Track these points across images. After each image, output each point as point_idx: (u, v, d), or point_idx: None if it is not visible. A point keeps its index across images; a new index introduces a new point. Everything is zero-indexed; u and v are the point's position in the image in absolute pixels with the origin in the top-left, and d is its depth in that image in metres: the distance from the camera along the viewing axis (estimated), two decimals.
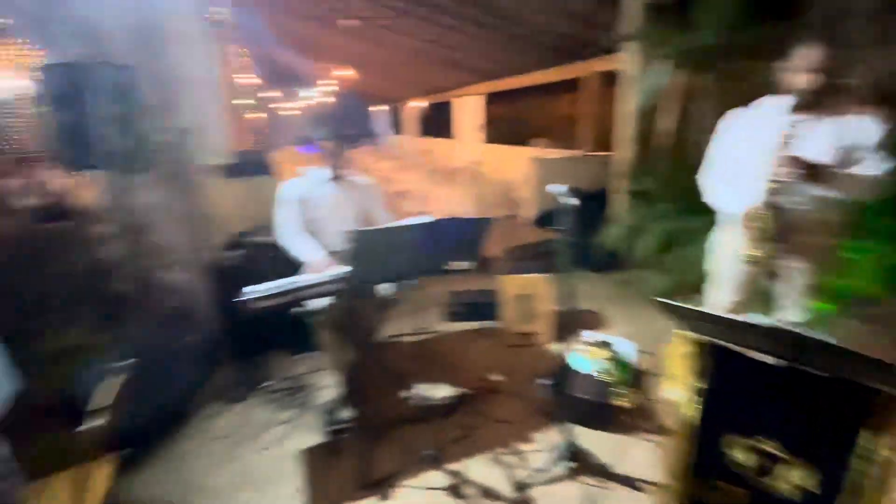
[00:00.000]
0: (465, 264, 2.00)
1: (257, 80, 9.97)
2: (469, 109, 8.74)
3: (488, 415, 2.42)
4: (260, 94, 11.08)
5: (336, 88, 12.07)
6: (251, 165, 3.54)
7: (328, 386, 2.74)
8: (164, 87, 2.73)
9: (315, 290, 2.01)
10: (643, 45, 3.71)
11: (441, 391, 2.57)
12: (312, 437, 2.34)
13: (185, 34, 2.96)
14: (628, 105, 4.04)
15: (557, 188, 1.80)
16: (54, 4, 2.59)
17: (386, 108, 15.07)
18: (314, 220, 2.43)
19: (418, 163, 8.90)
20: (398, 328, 3.30)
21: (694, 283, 3.19)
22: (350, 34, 6.91)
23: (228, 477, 2.13)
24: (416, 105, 11.75)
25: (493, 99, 8.43)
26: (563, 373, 2.40)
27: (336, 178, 2.47)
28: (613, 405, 2.26)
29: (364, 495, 1.94)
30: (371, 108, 15.39)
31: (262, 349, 3.02)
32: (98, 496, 1.53)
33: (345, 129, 2.74)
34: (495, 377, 2.76)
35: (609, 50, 4.57)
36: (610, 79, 5.03)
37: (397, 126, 14.14)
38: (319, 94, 12.59)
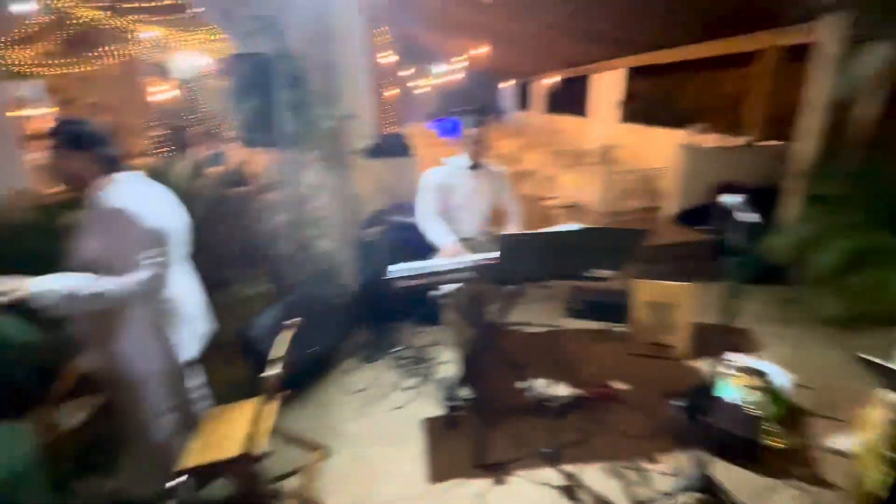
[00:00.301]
0: (607, 273, 1.90)
1: (395, 59, 10.51)
2: (607, 85, 8.09)
3: (608, 424, 2.33)
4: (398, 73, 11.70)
5: (466, 64, 12.14)
6: (391, 147, 3.79)
7: (448, 362, 2.90)
8: (329, 76, 3.03)
9: (451, 275, 2.11)
10: (855, 17, 2.99)
11: (558, 389, 2.55)
12: (433, 407, 2.53)
13: (348, 26, 3.23)
14: (821, 89, 3.34)
15: (732, 199, 1.57)
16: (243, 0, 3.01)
17: (513, 83, 14.73)
18: (450, 206, 2.54)
19: (545, 142, 8.58)
20: (519, 317, 3.32)
21: (883, 316, 2.60)
22: (486, 9, 6.81)
23: (363, 428, 2.42)
24: (548, 80, 11.27)
25: (637, 74, 7.64)
26: (701, 396, 2.18)
27: (474, 166, 2.52)
28: (761, 443, 2.00)
29: (478, 475, 2.05)
30: (500, 85, 15.20)
31: (392, 317, 3.30)
32: (268, 426, 1.85)
33: (472, 105, 2.77)
34: (618, 385, 2.63)
35: (800, 20, 3.78)
36: (795, 54, 4.18)
37: (525, 102, 13.77)
38: (451, 70, 12.80)
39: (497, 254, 1.90)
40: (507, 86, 15.19)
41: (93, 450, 2.11)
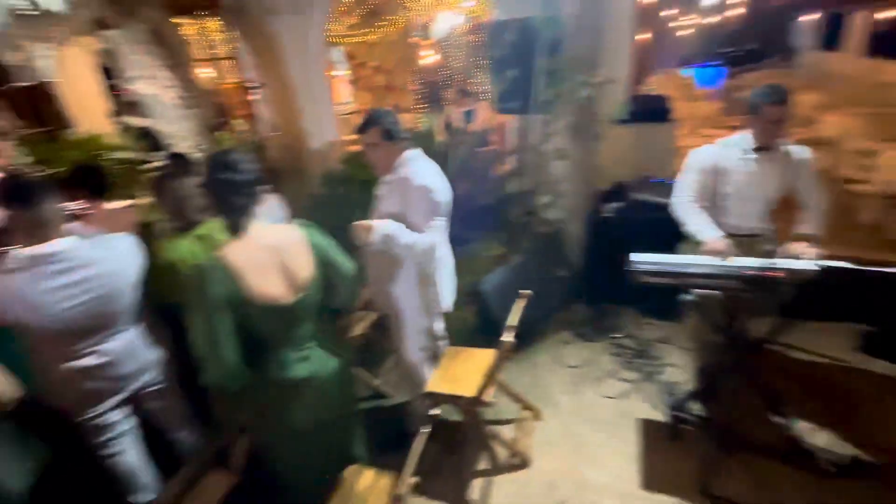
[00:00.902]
0: None
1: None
2: None
3: None
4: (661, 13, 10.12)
5: None
6: (648, 111, 3.37)
7: (677, 366, 2.62)
8: (594, 40, 2.84)
9: (711, 281, 1.84)
10: None
11: (831, 441, 2.01)
12: (651, 409, 2.36)
13: None
14: None
15: None
16: None
17: (818, 14, 10.97)
18: (723, 194, 2.14)
19: (860, 99, 6.27)
20: (789, 339, 2.62)
21: None
22: None
23: (575, 405, 2.46)
24: (877, 15, 7.94)
25: None
26: None
27: (764, 148, 2.03)
28: None
29: (702, 503, 1.85)
30: (799, 17, 11.56)
31: (617, 300, 3.14)
32: (491, 373, 2.05)
33: (750, 45, 2.11)
34: None
35: None
36: None
37: (832, 40, 10.17)
38: (728, 3, 10.33)
39: (792, 267, 1.53)
40: (810, 19, 11.45)
41: (367, 352, 2.78)
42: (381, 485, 1.59)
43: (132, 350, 1.71)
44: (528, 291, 2.16)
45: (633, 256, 1.96)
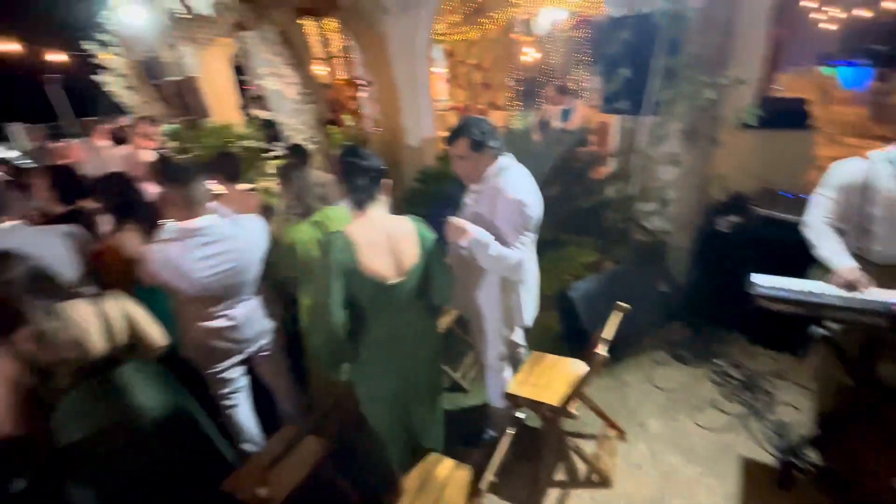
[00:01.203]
0: None
1: None
2: None
3: None
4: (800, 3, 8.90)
5: None
6: (780, 115, 2.97)
7: (793, 405, 2.32)
8: (723, 36, 2.58)
9: (850, 314, 1.59)
10: None
11: None
12: (756, 450, 2.11)
13: None
14: None
15: None
16: None
17: None
18: (870, 216, 1.83)
19: None
20: None
21: None
22: None
23: (666, 430, 2.29)
24: None
25: None
26: None
27: None
28: None
29: None
30: None
31: (723, 322, 2.86)
32: (578, 385, 1.97)
33: None
34: None
35: None
36: None
37: None
38: None
39: None
40: None
41: (448, 346, 2.83)
42: (459, 476, 1.62)
43: (253, 317, 1.93)
44: (627, 305, 2.04)
45: (756, 277, 1.77)
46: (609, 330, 1.90)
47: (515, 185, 1.72)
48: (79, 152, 3.90)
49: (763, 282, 1.75)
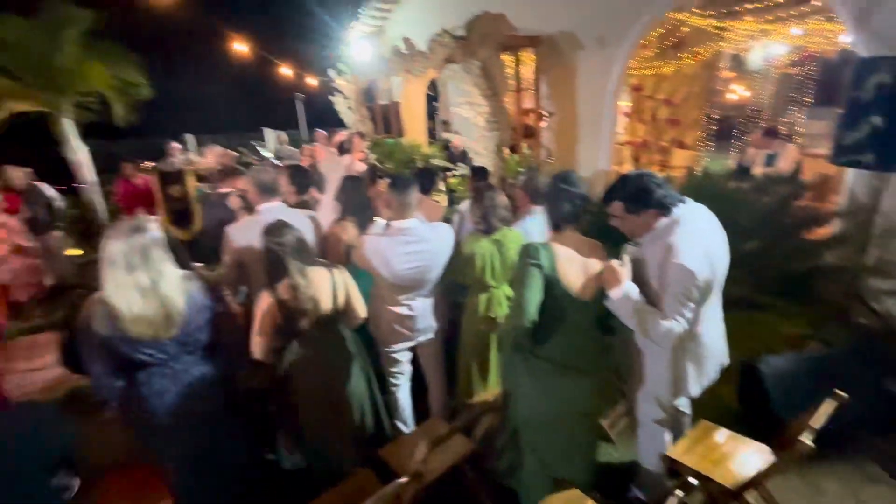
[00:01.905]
0: None
1: None
2: None
3: None
4: None
5: None
6: None
7: None
8: None
9: None
10: None
11: None
12: None
13: None
14: None
15: None
16: None
17: None
18: None
19: None
20: None
21: None
22: None
23: None
24: None
25: None
26: None
27: None
28: None
29: None
30: None
31: None
32: (763, 475, 1.66)
33: None
34: None
35: None
36: None
37: None
38: None
39: None
40: None
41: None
42: None
43: (427, 311, 2.17)
44: (845, 395, 1.68)
45: None
46: (819, 419, 1.59)
47: (688, 247, 1.46)
48: (322, 155, 5.03)
49: None
